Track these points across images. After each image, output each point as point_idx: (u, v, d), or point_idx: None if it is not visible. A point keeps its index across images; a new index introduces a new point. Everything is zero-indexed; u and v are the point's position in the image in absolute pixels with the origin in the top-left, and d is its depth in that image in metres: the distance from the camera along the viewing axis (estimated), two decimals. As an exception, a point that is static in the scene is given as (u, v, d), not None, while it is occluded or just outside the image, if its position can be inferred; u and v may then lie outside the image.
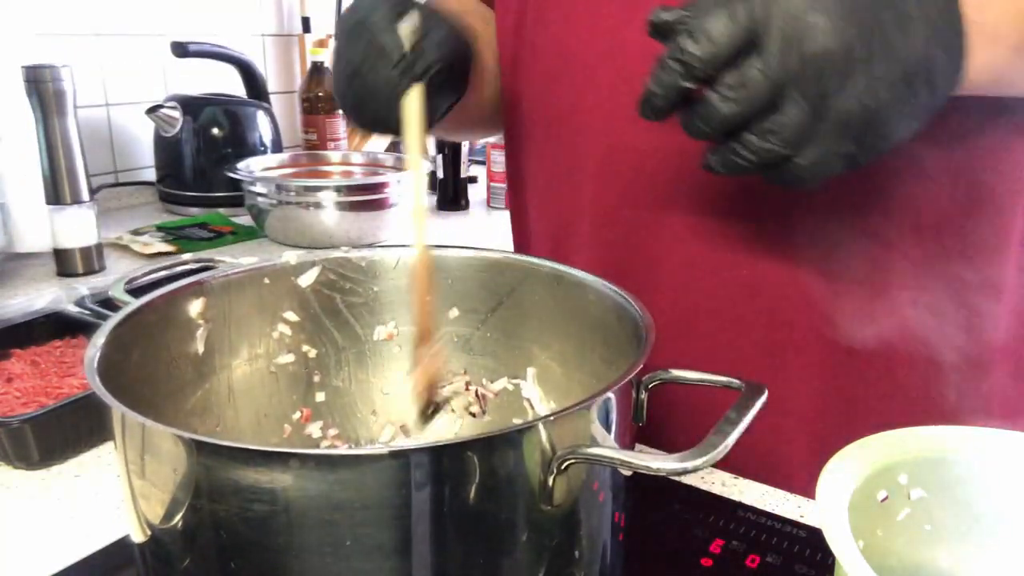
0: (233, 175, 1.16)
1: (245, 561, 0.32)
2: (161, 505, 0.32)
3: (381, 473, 0.30)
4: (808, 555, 0.48)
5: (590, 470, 0.35)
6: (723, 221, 0.56)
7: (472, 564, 0.33)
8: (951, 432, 0.40)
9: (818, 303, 0.55)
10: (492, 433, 0.31)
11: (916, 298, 0.54)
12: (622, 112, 0.53)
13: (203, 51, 1.35)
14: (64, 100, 0.96)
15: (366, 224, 1.15)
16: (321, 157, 1.37)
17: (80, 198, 1.00)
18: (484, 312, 0.54)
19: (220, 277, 0.49)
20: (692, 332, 0.59)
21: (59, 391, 0.63)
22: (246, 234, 1.22)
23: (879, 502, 0.38)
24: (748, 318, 0.57)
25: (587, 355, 0.49)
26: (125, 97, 1.40)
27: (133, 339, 0.42)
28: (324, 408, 0.54)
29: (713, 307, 0.58)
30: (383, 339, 0.55)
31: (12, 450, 0.57)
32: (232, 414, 0.50)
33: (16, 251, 1.06)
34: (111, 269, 1.05)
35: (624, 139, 0.58)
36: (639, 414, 0.40)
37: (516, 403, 0.54)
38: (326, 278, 0.53)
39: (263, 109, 1.40)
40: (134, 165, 1.43)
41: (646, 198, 0.58)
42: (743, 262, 0.56)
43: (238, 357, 0.50)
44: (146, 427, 0.32)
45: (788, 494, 0.54)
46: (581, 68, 0.60)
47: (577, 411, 0.33)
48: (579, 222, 0.63)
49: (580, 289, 0.49)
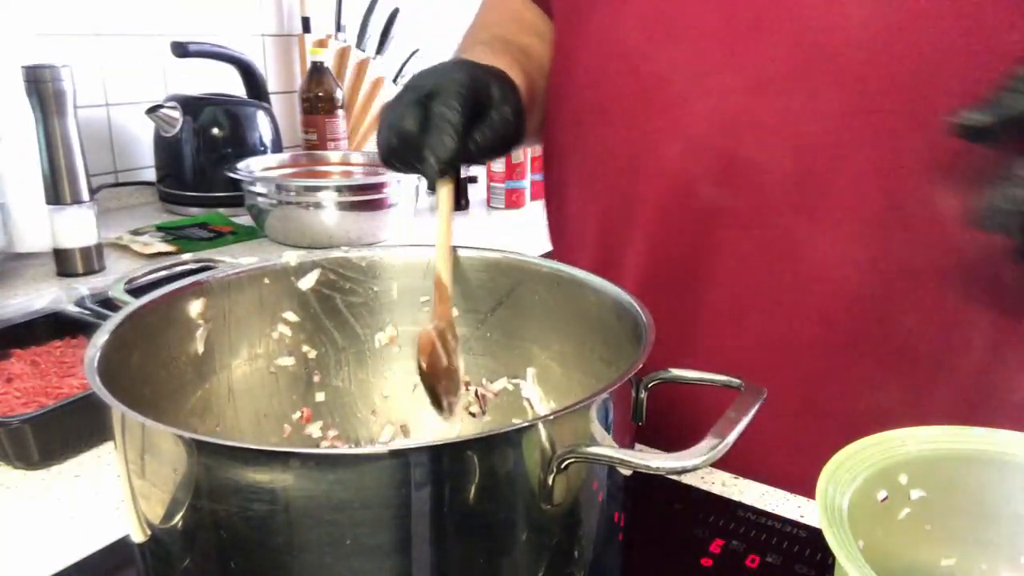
0: (233, 175, 1.16)
1: (245, 561, 0.32)
2: (161, 505, 0.32)
3: (381, 473, 0.30)
4: (808, 555, 0.48)
5: (590, 469, 0.35)
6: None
7: (472, 563, 0.33)
8: (951, 432, 0.40)
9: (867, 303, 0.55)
10: (492, 432, 0.31)
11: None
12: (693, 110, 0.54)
13: (203, 51, 1.35)
14: (64, 100, 0.96)
15: (366, 224, 1.15)
16: (321, 157, 1.37)
17: (80, 198, 1.00)
18: (484, 312, 0.54)
19: (220, 277, 0.49)
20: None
21: (59, 391, 0.63)
22: (246, 234, 1.22)
23: (879, 502, 0.38)
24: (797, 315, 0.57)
25: (587, 355, 0.49)
26: (125, 97, 1.40)
27: (133, 339, 0.42)
28: (324, 408, 0.54)
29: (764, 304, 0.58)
30: (384, 345, 0.55)
31: (12, 450, 0.57)
32: (232, 414, 0.50)
33: (16, 251, 1.06)
34: (111, 269, 1.05)
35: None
36: (639, 414, 0.40)
37: (516, 403, 0.54)
38: (326, 278, 0.53)
39: (263, 109, 1.40)
40: (134, 165, 1.43)
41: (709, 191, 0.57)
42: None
43: (238, 357, 0.51)
44: (146, 427, 0.32)
45: (788, 494, 0.54)
46: (637, 59, 0.59)
47: (577, 410, 0.33)
48: (634, 221, 0.62)
49: (580, 289, 0.49)
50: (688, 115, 0.56)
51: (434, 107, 0.50)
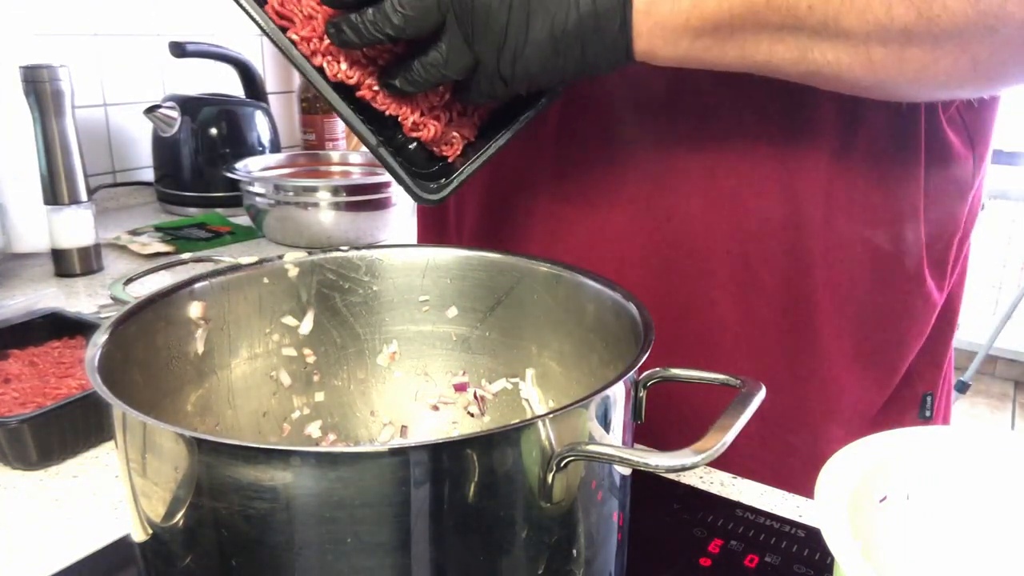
0: (231, 175, 1.16)
1: (246, 559, 0.32)
2: (162, 504, 0.32)
3: (381, 470, 0.30)
4: (807, 555, 0.48)
5: (589, 468, 0.35)
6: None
7: (471, 561, 0.33)
8: (951, 432, 0.40)
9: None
10: (491, 431, 0.32)
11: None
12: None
13: (201, 51, 1.35)
14: (62, 100, 0.96)
15: (365, 224, 1.15)
16: (319, 157, 1.37)
17: (78, 198, 1.00)
18: (483, 311, 0.54)
19: (219, 277, 0.49)
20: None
21: (57, 392, 0.63)
22: (244, 234, 1.22)
23: (878, 502, 0.38)
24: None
25: (586, 354, 0.49)
26: (123, 97, 1.40)
27: (133, 338, 0.42)
28: (324, 408, 0.54)
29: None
30: (387, 364, 0.55)
31: (10, 451, 0.57)
32: (232, 413, 0.50)
33: (14, 251, 1.06)
34: (109, 269, 1.05)
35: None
36: (638, 412, 0.40)
37: (515, 403, 0.54)
38: (325, 278, 0.53)
39: (261, 109, 1.40)
40: (132, 165, 1.43)
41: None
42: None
43: (237, 357, 0.51)
44: (147, 425, 0.32)
45: (787, 494, 0.55)
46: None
47: (576, 408, 0.33)
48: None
49: (579, 288, 0.49)
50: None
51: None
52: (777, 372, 0.60)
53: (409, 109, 0.51)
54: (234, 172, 1.16)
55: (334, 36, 0.46)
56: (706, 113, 0.56)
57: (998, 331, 2.49)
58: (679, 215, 0.58)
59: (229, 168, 1.18)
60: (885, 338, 0.61)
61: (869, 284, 0.58)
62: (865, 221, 0.57)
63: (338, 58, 0.49)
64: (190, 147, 1.31)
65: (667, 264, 0.59)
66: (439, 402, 0.55)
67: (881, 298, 0.59)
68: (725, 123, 0.56)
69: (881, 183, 0.57)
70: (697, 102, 0.56)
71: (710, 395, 0.48)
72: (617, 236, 0.60)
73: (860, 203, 0.57)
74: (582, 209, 0.61)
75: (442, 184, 0.52)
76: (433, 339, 0.55)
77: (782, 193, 0.56)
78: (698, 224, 0.58)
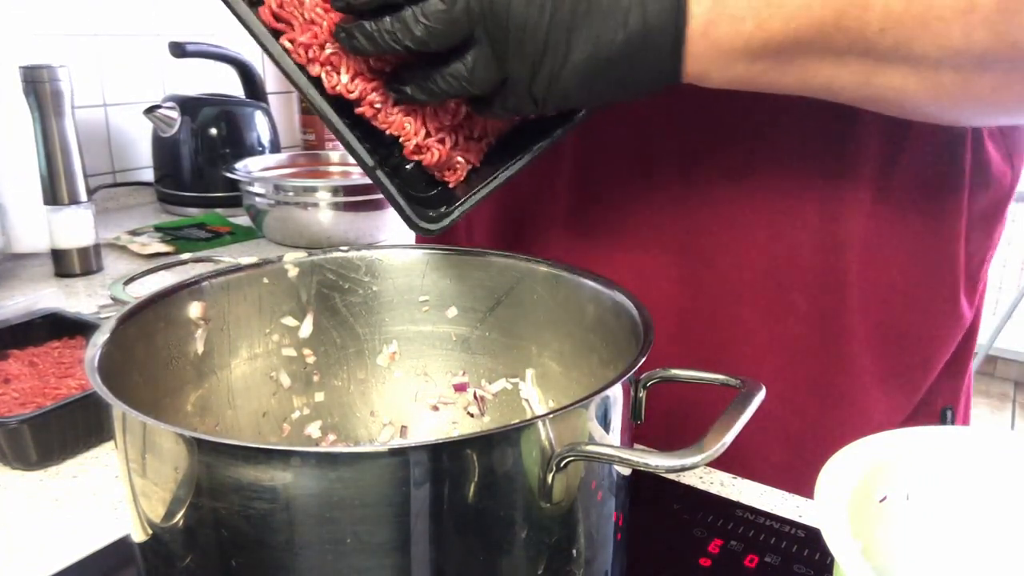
0: (231, 175, 1.16)
1: (246, 559, 0.32)
2: (162, 504, 0.32)
3: (381, 471, 0.30)
4: (807, 555, 0.48)
5: (589, 468, 0.35)
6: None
7: (471, 561, 0.33)
8: (951, 432, 0.40)
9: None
10: (491, 431, 0.32)
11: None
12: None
13: (201, 51, 1.35)
14: (61, 100, 0.96)
15: (364, 224, 1.15)
16: (319, 157, 1.37)
17: (78, 198, 1.00)
18: (482, 311, 0.54)
19: (219, 277, 0.49)
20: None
21: (57, 392, 0.63)
22: (244, 234, 1.22)
23: (878, 502, 0.38)
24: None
25: (586, 354, 0.49)
26: (123, 97, 1.40)
27: (133, 339, 0.42)
28: (324, 408, 0.54)
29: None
30: (387, 365, 0.55)
31: (10, 451, 0.57)
32: (231, 414, 0.50)
33: (14, 252, 1.06)
34: (109, 269, 1.05)
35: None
36: (637, 412, 0.40)
37: (515, 403, 0.54)
38: (325, 278, 0.53)
39: (261, 109, 1.40)
40: (132, 165, 1.43)
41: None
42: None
43: (237, 357, 0.51)
44: (147, 426, 0.32)
45: (787, 494, 0.55)
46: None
47: (576, 409, 0.33)
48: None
49: (578, 288, 0.49)
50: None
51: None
52: (801, 393, 0.58)
53: (413, 130, 0.46)
54: (234, 172, 1.16)
55: (344, 41, 0.41)
56: (744, 139, 0.54)
57: (998, 331, 2.50)
58: (708, 235, 0.57)
59: (229, 168, 1.18)
60: (915, 359, 0.59)
61: (904, 307, 0.57)
62: (906, 248, 0.56)
63: (338, 68, 0.44)
64: (190, 147, 1.31)
65: (693, 279, 0.58)
66: (439, 402, 0.55)
67: (915, 319, 0.58)
68: (765, 150, 0.54)
69: (925, 209, 0.55)
70: (736, 127, 0.54)
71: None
72: (639, 246, 0.59)
73: (901, 230, 0.55)
74: (603, 234, 0.60)
75: (442, 213, 0.47)
76: (433, 339, 0.55)
77: (820, 219, 0.55)
78: (729, 245, 0.57)
